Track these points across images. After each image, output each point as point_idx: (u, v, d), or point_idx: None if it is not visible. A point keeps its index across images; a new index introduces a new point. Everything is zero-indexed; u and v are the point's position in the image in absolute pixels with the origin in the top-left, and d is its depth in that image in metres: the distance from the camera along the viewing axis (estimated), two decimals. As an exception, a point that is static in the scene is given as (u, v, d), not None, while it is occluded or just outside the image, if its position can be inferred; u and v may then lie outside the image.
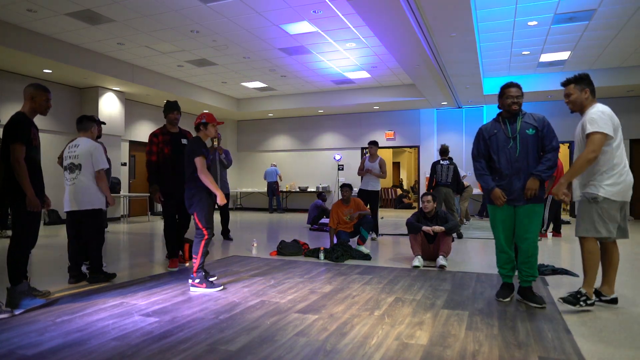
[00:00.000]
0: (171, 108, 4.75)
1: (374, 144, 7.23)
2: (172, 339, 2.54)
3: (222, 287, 3.79)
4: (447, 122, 12.78)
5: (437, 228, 4.78)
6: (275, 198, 13.44)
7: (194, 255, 3.80)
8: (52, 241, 6.93)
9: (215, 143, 6.75)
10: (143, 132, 11.79)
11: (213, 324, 2.83)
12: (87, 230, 4.04)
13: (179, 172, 4.44)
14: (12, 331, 2.68)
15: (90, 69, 8.67)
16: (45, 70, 8.67)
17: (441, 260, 4.66)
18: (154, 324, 2.82)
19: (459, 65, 8.22)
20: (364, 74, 10.56)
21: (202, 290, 3.71)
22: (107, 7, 6.57)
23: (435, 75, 8.86)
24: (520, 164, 3.23)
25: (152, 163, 4.67)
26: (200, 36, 7.85)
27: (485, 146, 3.40)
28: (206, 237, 3.80)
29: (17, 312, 3.05)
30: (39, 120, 3.42)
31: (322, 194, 9.78)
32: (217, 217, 7.08)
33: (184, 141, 4.72)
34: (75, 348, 2.40)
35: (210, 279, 3.91)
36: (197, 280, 3.75)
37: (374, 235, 7.12)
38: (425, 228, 4.82)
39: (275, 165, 13.62)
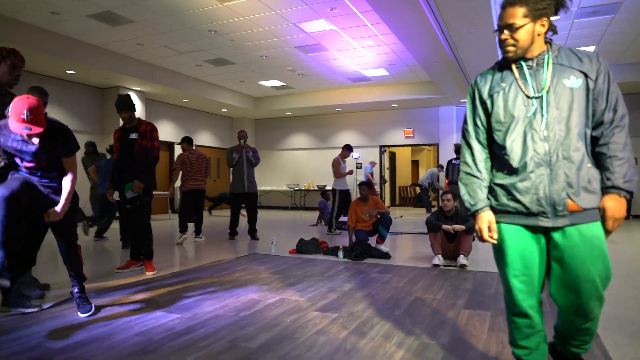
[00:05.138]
0: (118, 107, 4.24)
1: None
2: (193, 335, 2.57)
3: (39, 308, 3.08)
4: (466, 120, 12.62)
5: (458, 227, 4.72)
6: None
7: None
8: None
9: (242, 141, 6.74)
10: (163, 131, 11.94)
11: (233, 321, 2.85)
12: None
13: (124, 168, 4.29)
14: (40, 325, 2.75)
15: (111, 69, 8.83)
16: (68, 71, 8.86)
17: (462, 259, 4.60)
18: (175, 320, 2.86)
19: (478, 61, 8.10)
20: (382, 72, 10.50)
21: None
22: (126, 9, 6.68)
23: (453, 73, 8.75)
24: (551, 146, 1.58)
25: (114, 161, 4.47)
26: (218, 35, 7.91)
27: (485, 114, 1.75)
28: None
29: (45, 306, 3.13)
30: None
31: (325, 193, 9.65)
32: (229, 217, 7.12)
33: (133, 135, 4.26)
34: (99, 342, 2.45)
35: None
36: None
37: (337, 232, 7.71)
38: (445, 227, 4.76)
39: None
